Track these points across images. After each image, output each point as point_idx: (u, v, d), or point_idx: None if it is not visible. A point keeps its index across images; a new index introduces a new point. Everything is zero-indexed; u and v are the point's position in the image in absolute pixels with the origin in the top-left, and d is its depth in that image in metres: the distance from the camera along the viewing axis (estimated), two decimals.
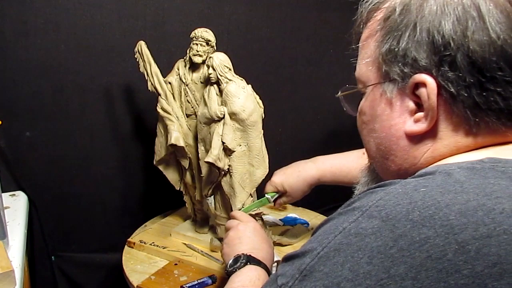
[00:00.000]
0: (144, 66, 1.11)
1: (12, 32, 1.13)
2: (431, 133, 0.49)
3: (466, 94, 0.46)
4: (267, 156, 1.05)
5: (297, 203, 1.47)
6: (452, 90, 0.46)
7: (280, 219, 1.31)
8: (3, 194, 1.05)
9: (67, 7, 1.18)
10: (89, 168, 1.33)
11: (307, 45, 1.63)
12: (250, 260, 0.79)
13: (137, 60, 1.11)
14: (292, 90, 1.65)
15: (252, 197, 1.04)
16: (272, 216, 1.32)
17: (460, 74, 0.45)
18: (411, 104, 0.49)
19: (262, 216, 1.06)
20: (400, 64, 0.48)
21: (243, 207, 1.02)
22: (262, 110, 1.02)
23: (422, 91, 0.47)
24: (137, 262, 1.11)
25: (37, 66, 1.18)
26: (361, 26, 0.57)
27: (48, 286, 1.35)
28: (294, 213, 1.34)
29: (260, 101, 1.02)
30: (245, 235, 0.86)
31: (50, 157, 1.27)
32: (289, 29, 1.57)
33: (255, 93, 1.02)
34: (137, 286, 1.01)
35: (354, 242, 0.42)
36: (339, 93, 0.63)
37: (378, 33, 0.52)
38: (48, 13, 1.16)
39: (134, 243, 1.18)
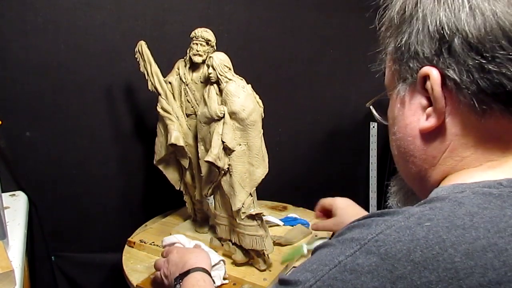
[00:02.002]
0: (144, 66, 1.11)
1: (12, 32, 1.14)
2: (442, 128, 0.47)
3: (469, 80, 0.43)
4: (267, 156, 1.05)
5: (297, 203, 1.47)
6: (455, 77, 0.44)
7: (280, 219, 1.31)
8: (3, 194, 1.05)
9: (67, 7, 1.18)
10: (89, 168, 1.33)
11: (307, 45, 1.63)
12: (182, 275, 0.83)
13: (138, 60, 1.11)
14: (292, 90, 1.65)
15: (251, 196, 1.04)
16: (272, 216, 1.32)
17: (460, 59, 0.43)
18: (423, 100, 0.47)
19: (262, 217, 1.06)
20: (406, 60, 0.47)
21: (243, 206, 1.01)
22: (262, 109, 1.02)
23: (429, 83, 0.45)
24: (137, 262, 1.12)
25: (37, 66, 1.18)
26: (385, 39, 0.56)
27: (48, 286, 1.35)
28: (294, 213, 1.34)
29: (260, 101, 1.02)
30: (171, 262, 0.89)
31: (50, 157, 1.27)
32: (289, 29, 1.57)
33: (254, 93, 1.02)
34: (136, 285, 1.01)
35: (349, 279, 0.39)
36: (370, 102, 0.62)
37: (387, 36, 0.51)
38: (48, 13, 1.16)
39: (134, 243, 1.18)
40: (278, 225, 1.28)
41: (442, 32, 0.44)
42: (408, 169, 0.53)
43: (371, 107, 0.61)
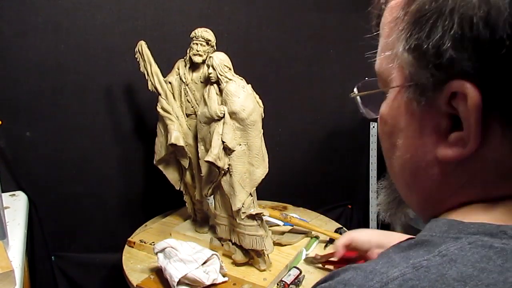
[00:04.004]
0: (144, 66, 1.11)
1: (12, 32, 1.14)
2: (471, 158, 0.35)
3: None
4: (267, 156, 1.05)
5: (297, 203, 1.47)
6: (503, 104, 0.33)
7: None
8: (3, 194, 1.05)
9: (67, 7, 1.18)
10: (89, 168, 1.33)
11: (307, 45, 1.63)
12: None
13: (138, 60, 1.11)
14: (292, 90, 1.65)
15: (252, 196, 1.04)
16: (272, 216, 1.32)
17: None
18: (445, 120, 0.36)
19: (262, 217, 1.06)
20: (430, 65, 0.35)
21: (243, 206, 1.01)
22: (262, 109, 1.02)
23: (461, 104, 0.34)
24: (137, 262, 1.12)
25: (37, 66, 1.18)
26: (381, 6, 0.43)
27: (48, 286, 1.35)
28: (294, 213, 1.34)
29: (260, 101, 1.02)
30: None
31: (50, 157, 1.27)
32: (289, 29, 1.57)
33: (255, 93, 1.02)
34: (136, 285, 1.01)
35: None
36: (355, 91, 0.50)
37: (400, 20, 0.38)
38: (48, 13, 1.16)
39: (134, 243, 1.18)
40: (278, 225, 1.28)
41: (496, 41, 0.32)
42: (409, 195, 0.45)
43: (357, 98, 0.50)
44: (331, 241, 1.22)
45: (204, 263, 0.99)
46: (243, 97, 0.98)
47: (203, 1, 1.37)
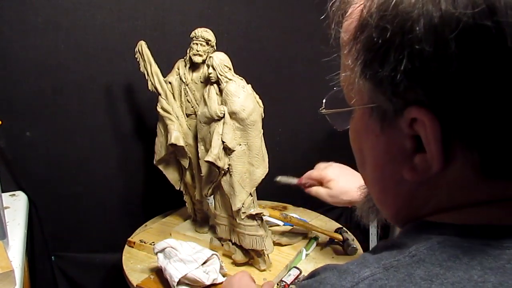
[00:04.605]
0: (144, 66, 1.11)
1: (12, 32, 1.13)
2: (439, 178, 0.37)
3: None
4: (267, 156, 1.05)
5: (297, 203, 1.47)
6: (460, 130, 0.34)
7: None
8: (3, 194, 1.05)
9: (67, 7, 1.18)
10: (89, 168, 1.33)
11: (307, 45, 1.63)
12: None
13: (138, 60, 1.11)
14: (292, 90, 1.65)
15: (252, 196, 1.04)
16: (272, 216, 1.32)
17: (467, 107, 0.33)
18: (409, 142, 0.36)
19: (262, 217, 1.06)
20: (388, 92, 0.35)
21: (243, 206, 1.02)
22: (262, 109, 1.02)
23: (421, 129, 0.34)
24: (137, 262, 1.12)
25: (37, 66, 1.18)
26: (333, 27, 0.44)
27: (48, 286, 1.35)
28: (294, 213, 1.34)
29: (260, 101, 1.02)
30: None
31: (50, 157, 1.27)
32: (289, 29, 1.57)
33: (254, 93, 1.02)
34: (136, 285, 1.01)
35: None
36: (323, 106, 0.50)
37: (354, 46, 0.38)
38: (48, 13, 1.16)
39: (134, 243, 1.18)
40: (278, 225, 1.28)
41: (441, 68, 0.32)
42: (382, 207, 0.45)
43: (326, 116, 0.49)
44: (331, 241, 1.22)
45: (204, 263, 0.99)
46: (243, 97, 0.98)
47: (203, 1, 1.37)
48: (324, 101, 0.49)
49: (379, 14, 0.34)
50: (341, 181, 0.98)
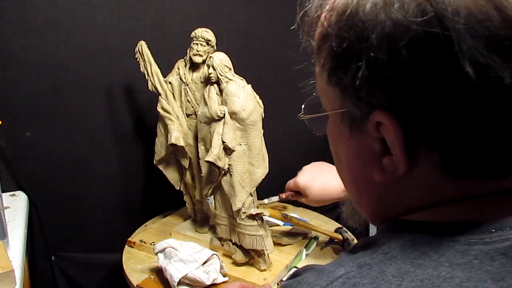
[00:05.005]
0: (144, 66, 1.11)
1: (12, 32, 1.13)
2: (407, 178, 0.38)
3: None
4: (267, 156, 1.05)
5: (297, 203, 1.47)
6: (422, 132, 0.35)
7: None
8: (3, 194, 1.05)
9: (67, 7, 1.18)
10: (89, 168, 1.33)
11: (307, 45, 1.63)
12: None
13: (138, 60, 1.11)
14: (292, 90, 1.65)
15: (252, 196, 1.04)
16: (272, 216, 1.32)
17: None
18: (378, 145, 0.37)
19: (263, 217, 1.06)
20: (353, 98, 0.37)
21: (243, 206, 1.01)
22: (262, 109, 1.02)
23: (386, 132, 0.35)
24: (137, 262, 1.12)
25: (37, 66, 1.18)
26: (304, 37, 0.45)
27: (48, 286, 1.35)
28: (294, 213, 1.34)
29: (260, 101, 1.02)
30: None
31: (50, 157, 1.26)
32: (289, 29, 1.57)
33: (255, 93, 1.02)
34: (136, 285, 1.01)
35: None
36: (302, 111, 0.51)
37: (320, 54, 0.40)
38: (48, 13, 1.16)
39: (134, 243, 1.18)
40: (277, 225, 1.28)
41: (396, 73, 0.33)
42: (359, 206, 0.46)
43: (305, 121, 0.51)
44: (331, 241, 1.23)
45: (205, 263, 1.00)
46: (244, 97, 0.98)
47: (203, 1, 1.37)
48: (302, 106, 0.51)
49: (338, 25, 0.36)
50: (316, 184, 0.99)
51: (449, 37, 0.30)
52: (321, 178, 0.99)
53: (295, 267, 1.09)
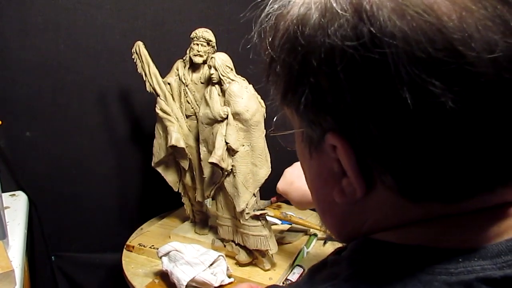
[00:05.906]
0: (142, 66, 1.10)
1: (12, 32, 1.13)
2: (366, 200, 0.37)
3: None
4: (269, 156, 1.05)
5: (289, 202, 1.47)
6: (371, 154, 0.34)
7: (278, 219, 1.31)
8: (3, 194, 1.05)
9: (67, 7, 1.18)
10: (89, 168, 1.33)
11: None
12: None
13: (135, 60, 1.11)
14: None
15: (255, 196, 1.04)
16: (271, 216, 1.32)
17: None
18: (336, 166, 0.36)
19: (266, 217, 1.06)
20: (306, 120, 0.36)
21: (246, 207, 1.01)
22: (264, 110, 1.02)
23: (339, 154, 0.34)
24: (138, 266, 1.10)
25: (37, 66, 1.18)
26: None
27: (48, 286, 1.35)
28: (290, 211, 1.34)
29: (262, 101, 1.02)
30: None
31: (50, 157, 1.26)
32: None
33: (257, 93, 1.02)
34: None
35: None
36: (273, 126, 0.49)
37: (268, 76, 0.40)
38: (48, 13, 1.16)
39: (133, 247, 1.17)
40: (276, 223, 1.28)
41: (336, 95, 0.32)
42: (325, 225, 0.45)
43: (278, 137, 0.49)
44: (330, 238, 1.23)
45: (211, 265, 0.99)
46: (246, 98, 0.98)
47: (203, 1, 1.37)
48: (273, 121, 0.49)
49: (280, 48, 0.35)
50: (294, 190, 0.94)
51: (385, 61, 0.29)
52: (299, 183, 0.94)
53: (298, 265, 1.09)
